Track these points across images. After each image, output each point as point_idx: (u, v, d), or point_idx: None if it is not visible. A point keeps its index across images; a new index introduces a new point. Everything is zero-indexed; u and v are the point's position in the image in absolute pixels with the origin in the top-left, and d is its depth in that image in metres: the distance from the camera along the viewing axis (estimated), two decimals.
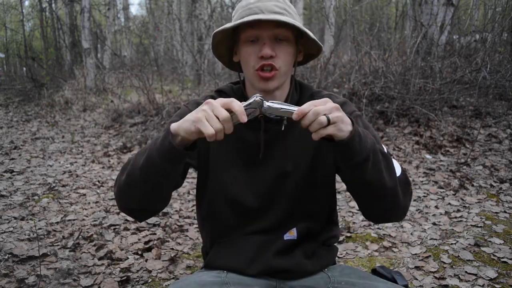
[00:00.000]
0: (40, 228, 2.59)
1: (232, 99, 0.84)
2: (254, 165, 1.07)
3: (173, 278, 2.04)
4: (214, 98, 1.10)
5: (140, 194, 0.96)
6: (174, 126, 0.87)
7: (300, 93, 1.14)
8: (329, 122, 0.82)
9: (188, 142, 0.88)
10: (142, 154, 0.94)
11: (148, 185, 0.94)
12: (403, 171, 1.00)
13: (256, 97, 0.85)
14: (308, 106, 0.83)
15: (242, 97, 1.11)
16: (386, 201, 0.95)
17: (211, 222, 1.13)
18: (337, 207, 1.36)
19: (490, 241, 2.32)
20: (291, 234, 1.08)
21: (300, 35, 1.04)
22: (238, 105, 0.83)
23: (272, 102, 0.86)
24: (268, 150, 1.07)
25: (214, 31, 1.02)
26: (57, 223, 2.70)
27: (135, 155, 0.98)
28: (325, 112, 0.82)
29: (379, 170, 0.90)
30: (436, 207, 2.85)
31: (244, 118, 0.83)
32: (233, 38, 1.07)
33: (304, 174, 1.08)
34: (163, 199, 1.01)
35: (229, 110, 0.83)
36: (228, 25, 0.99)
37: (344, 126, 0.84)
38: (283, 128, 1.06)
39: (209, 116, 0.82)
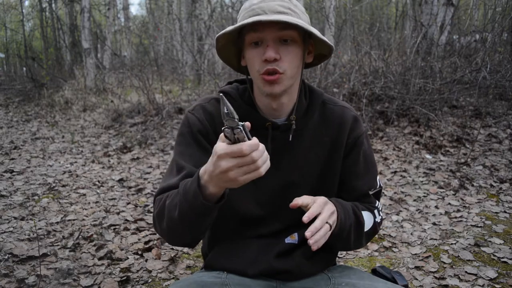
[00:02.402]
0: (40, 228, 2.59)
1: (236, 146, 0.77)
2: None
3: (173, 278, 2.04)
4: (218, 100, 1.07)
5: (186, 236, 0.97)
6: (210, 188, 0.84)
7: (310, 99, 1.09)
8: (330, 228, 0.93)
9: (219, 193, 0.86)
10: (174, 207, 0.90)
11: (190, 229, 0.94)
12: (374, 223, 1.08)
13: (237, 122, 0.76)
14: (320, 223, 0.90)
15: (249, 101, 1.07)
16: (346, 250, 1.15)
17: (212, 228, 1.11)
18: None
19: (490, 241, 2.32)
20: (293, 238, 1.08)
21: (308, 35, 0.99)
22: (248, 148, 0.76)
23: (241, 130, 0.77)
24: (275, 159, 1.03)
25: (217, 35, 0.98)
26: (57, 223, 2.70)
27: (166, 203, 0.94)
28: (326, 220, 0.92)
29: (347, 241, 1.04)
30: (436, 207, 2.85)
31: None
32: (239, 41, 1.03)
33: (311, 185, 1.06)
34: (209, 227, 0.99)
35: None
36: (229, 28, 0.95)
37: (336, 221, 0.96)
38: (290, 139, 1.04)
39: (245, 171, 0.78)
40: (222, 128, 0.77)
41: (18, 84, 10.77)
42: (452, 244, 2.32)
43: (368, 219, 1.05)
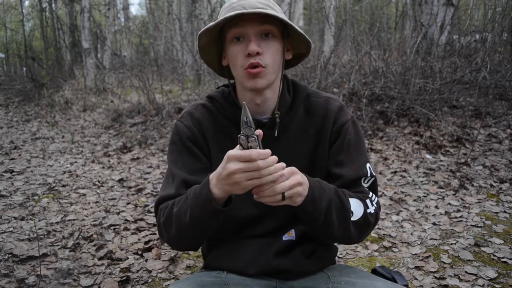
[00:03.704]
0: (40, 228, 2.59)
1: (246, 152, 0.82)
2: None
3: (173, 278, 2.04)
4: (206, 106, 1.11)
5: (195, 240, 1.03)
6: (216, 191, 0.89)
7: (294, 94, 1.10)
8: (283, 199, 0.87)
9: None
10: (184, 212, 0.94)
11: (200, 233, 0.99)
12: (365, 213, 1.02)
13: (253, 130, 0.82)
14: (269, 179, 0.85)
15: (233, 102, 1.09)
16: (334, 240, 1.08)
17: None
18: None
19: (490, 241, 2.32)
20: (290, 235, 1.08)
21: (286, 32, 1.03)
22: (256, 154, 0.82)
23: (255, 139, 0.83)
24: None
25: (199, 32, 1.00)
26: (57, 223, 2.70)
27: (174, 211, 0.98)
28: (283, 191, 0.86)
29: (329, 225, 0.97)
30: (436, 207, 2.85)
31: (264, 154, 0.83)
32: (220, 41, 1.05)
33: None
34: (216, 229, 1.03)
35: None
36: (210, 24, 0.97)
37: (298, 198, 0.90)
38: (276, 134, 1.06)
39: (249, 176, 0.83)
40: (238, 136, 0.82)
41: (18, 84, 10.77)
42: (452, 244, 2.32)
43: (357, 207, 1.00)
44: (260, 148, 0.83)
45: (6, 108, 8.97)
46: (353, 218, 1.00)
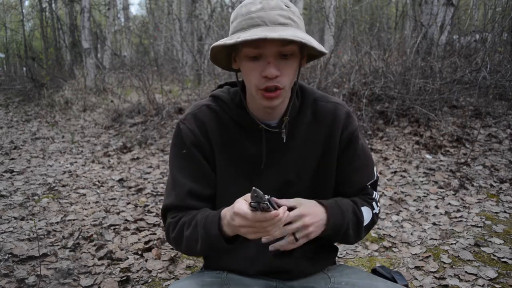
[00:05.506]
0: (40, 228, 2.59)
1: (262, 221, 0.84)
2: (257, 176, 1.05)
3: (173, 278, 2.04)
4: (210, 106, 1.06)
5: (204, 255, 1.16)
6: (227, 230, 0.93)
7: (302, 98, 1.08)
8: (296, 240, 0.95)
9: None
10: (195, 242, 0.98)
11: (210, 254, 1.11)
12: (372, 215, 1.10)
13: (265, 196, 0.81)
14: (279, 233, 0.93)
15: (240, 103, 1.05)
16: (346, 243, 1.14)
17: None
18: None
19: (490, 241, 2.32)
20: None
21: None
22: (262, 218, 0.83)
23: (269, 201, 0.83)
24: (270, 160, 1.05)
25: (212, 45, 0.93)
26: (57, 223, 2.70)
27: (185, 235, 1.00)
28: (294, 231, 0.94)
29: (347, 239, 1.07)
30: (436, 207, 2.85)
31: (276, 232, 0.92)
32: (232, 46, 0.98)
33: (307, 183, 1.07)
34: None
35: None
36: (228, 41, 0.89)
37: (312, 235, 0.97)
38: (284, 140, 1.04)
39: (255, 231, 0.87)
40: (249, 202, 0.83)
41: (18, 84, 10.77)
42: (452, 244, 2.32)
43: (367, 213, 1.07)
44: (274, 209, 0.82)
45: (6, 108, 8.97)
46: (364, 225, 1.07)
